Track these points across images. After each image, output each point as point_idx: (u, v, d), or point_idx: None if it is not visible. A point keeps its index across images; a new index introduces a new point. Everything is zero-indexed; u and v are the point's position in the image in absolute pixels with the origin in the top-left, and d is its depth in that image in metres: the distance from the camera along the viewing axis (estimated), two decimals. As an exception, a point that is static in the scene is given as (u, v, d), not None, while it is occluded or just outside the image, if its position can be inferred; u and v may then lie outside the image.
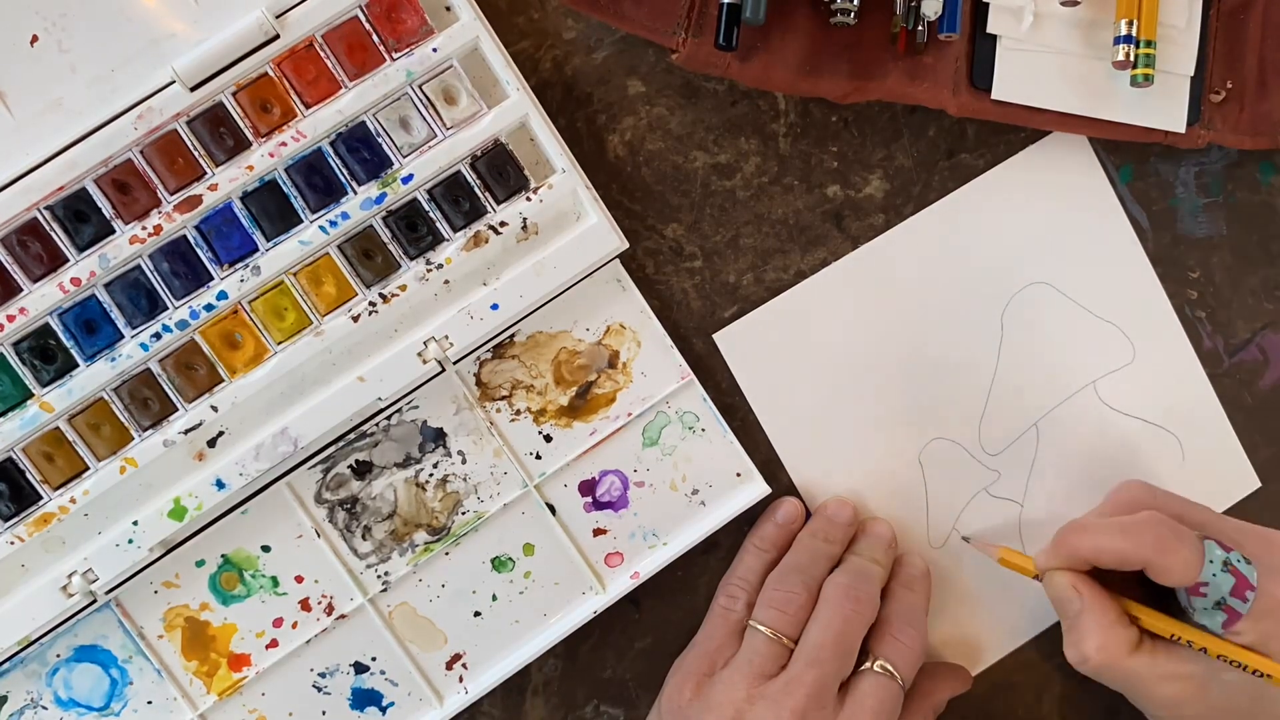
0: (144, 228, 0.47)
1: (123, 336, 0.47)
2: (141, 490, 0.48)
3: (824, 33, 0.49)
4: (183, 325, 0.47)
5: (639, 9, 0.48)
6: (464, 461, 0.51)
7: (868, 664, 0.49)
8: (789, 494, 0.53)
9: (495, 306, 0.48)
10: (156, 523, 0.48)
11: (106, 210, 0.46)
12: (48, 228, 0.46)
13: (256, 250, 0.47)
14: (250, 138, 0.47)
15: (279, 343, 0.48)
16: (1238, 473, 0.56)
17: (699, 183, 0.52)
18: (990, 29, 0.50)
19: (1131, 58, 0.50)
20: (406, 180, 0.47)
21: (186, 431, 0.47)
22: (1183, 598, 0.47)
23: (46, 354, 0.47)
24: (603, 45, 0.51)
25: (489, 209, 0.48)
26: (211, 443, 0.48)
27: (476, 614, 0.51)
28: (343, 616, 0.50)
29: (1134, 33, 0.50)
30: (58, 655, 0.49)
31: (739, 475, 0.52)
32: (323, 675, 0.51)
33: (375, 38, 0.47)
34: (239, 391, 0.48)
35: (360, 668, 0.51)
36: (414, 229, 0.48)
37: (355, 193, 0.48)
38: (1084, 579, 0.48)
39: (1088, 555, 0.48)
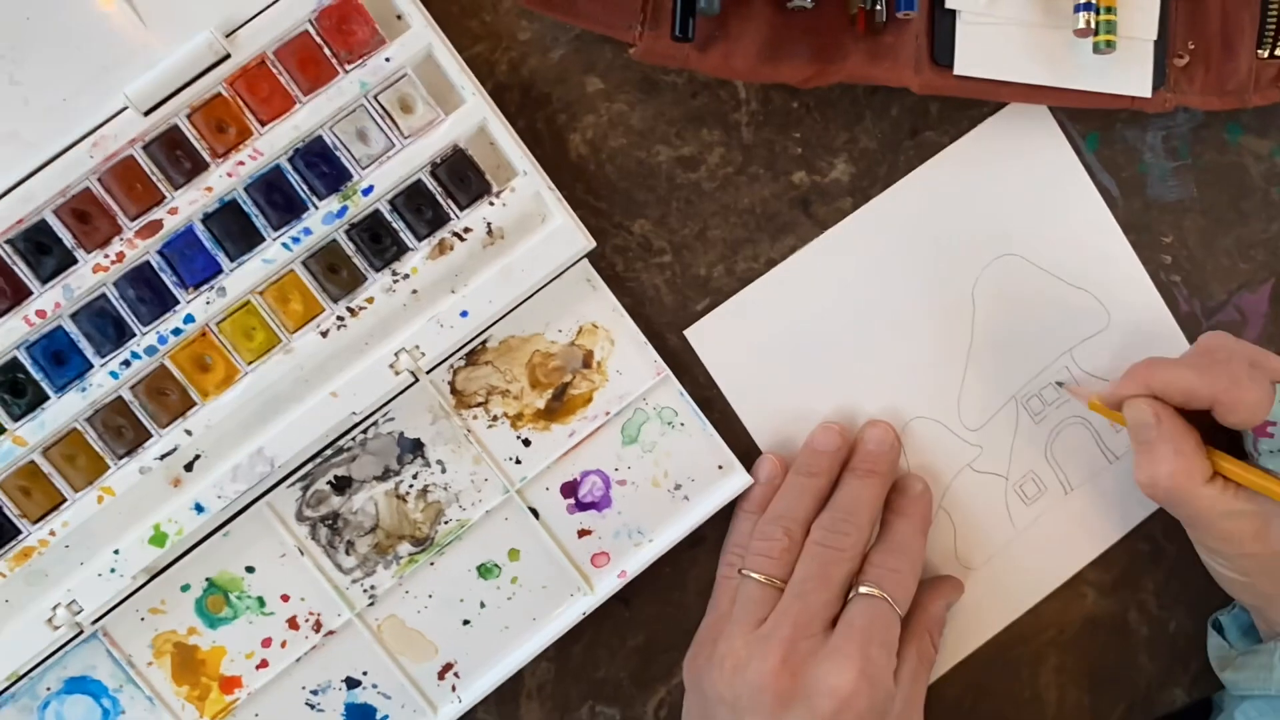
0: (106, 256, 0.46)
1: (92, 366, 0.47)
2: (121, 518, 0.48)
3: (782, 17, 0.49)
4: (151, 351, 0.47)
5: (594, 5, 0.48)
6: (444, 471, 0.50)
7: (854, 591, 0.49)
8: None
9: (465, 313, 0.48)
10: (138, 550, 0.48)
11: (68, 240, 0.46)
12: (9, 261, 0.46)
13: (221, 271, 0.47)
14: (207, 159, 0.47)
15: (249, 363, 0.47)
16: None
17: (664, 177, 0.52)
18: (949, 4, 0.50)
19: (1093, 25, 0.50)
20: (367, 192, 0.47)
21: (162, 457, 0.47)
22: (1249, 442, 0.47)
23: (16, 388, 0.46)
24: (559, 44, 0.50)
25: (452, 216, 0.48)
26: (188, 467, 0.48)
27: (466, 622, 0.51)
28: (331, 633, 0.50)
29: None
30: (48, 688, 0.49)
31: (720, 468, 0.52)
32: (315, 693, 0.51)
33: (327, 50, 0.47)
34: (212, 414, 0.47)
35: (352, 683, 0.51)
36: (378, 240, 0.48)
37: (316, 208, 0.47)
38: (1164, 406, 0.47)
39: (1158, 388, 0.47)
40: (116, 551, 0.47)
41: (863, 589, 0.49)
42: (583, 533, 0.52)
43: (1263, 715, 0.50)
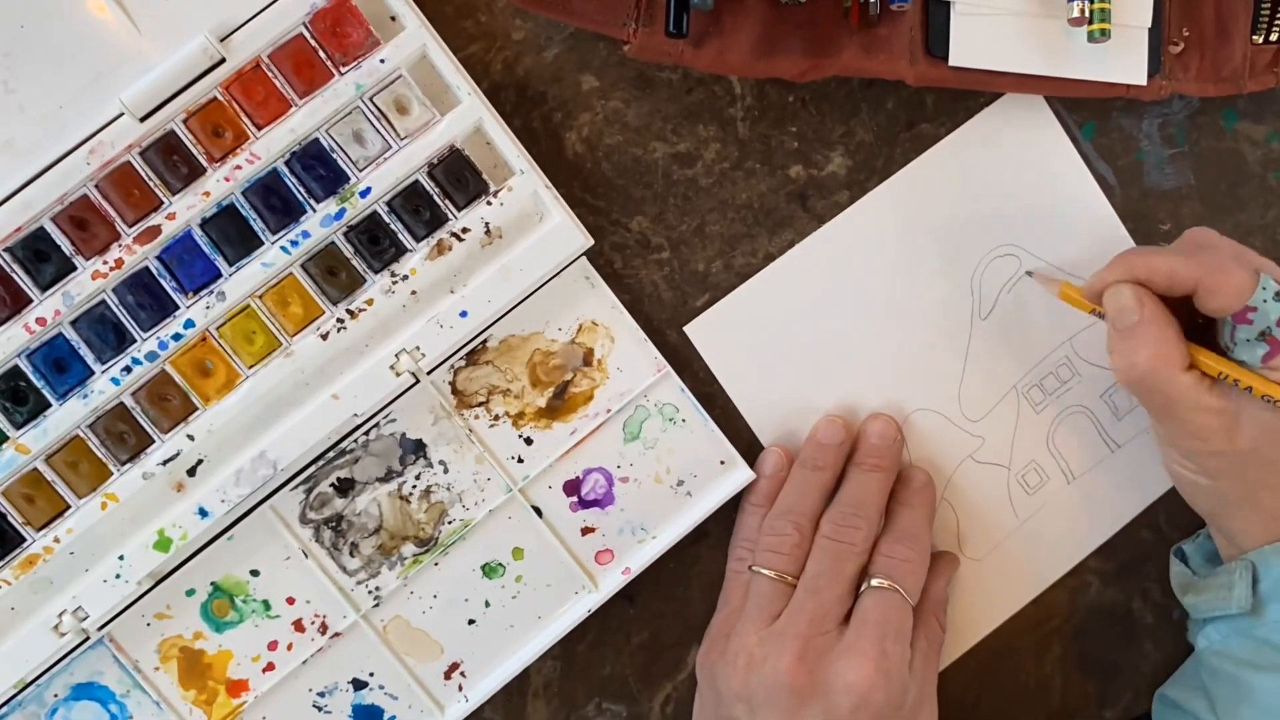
0: (105, 262, 0.46)
1: (93, 373, 0.47)
2: (125, 524, 0.48)
3: (776, 12, 0.49)
4: (152, 357, 0.47)
5: (587, 3, 0.48)
6: (446, 471, 0.50)
7: (865, 584, 0.49)
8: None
9: (464, 314, 0.48)
10: (142, 555, 0.48)
11: (66, 248, 0.46)
12: (9, 269, 0.46)
13: (220, 276, 0.47)
14: (204, 164, 0.47)
15: (250, 367, 0.48)
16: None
17: (660, 173, 0.52)
18: (942, -5, 0.50)
19: (1087, 13, 0.50)
20: (365, 194, 0.47)
21: (165, 462, 0.47)
22: (1225, 333, 0.47)
23: (18, 396, 0.46)
24: (553, 43, 0.50)
25: (450, 216, 0.48)
26: (191, 472, 0.48)
27: (471, 622, 0.51)
28: (337, 635, 0.50)
29: (1087, -12, 0.49)
30: (55, 695, 0.49)
31: (723, 463, 0.52)
32: (322, 695, 0.51)
33: (322, 53, 0.47)
34: (214, 419, 0.47)
35: (359, 684, 0.51)
36: (376, 242, 0.48)
37: (314, 210, 0.47)
38: (1148, 293, 0.47)
39: (1142, 272, 0.47)
40: (121, 557, 0.47)
41: (874, 581, 0.49)
42: (586, 530, 0.52)
43: (1225, 638, 0.50)
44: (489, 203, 0.48)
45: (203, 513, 0.48)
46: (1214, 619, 0.51)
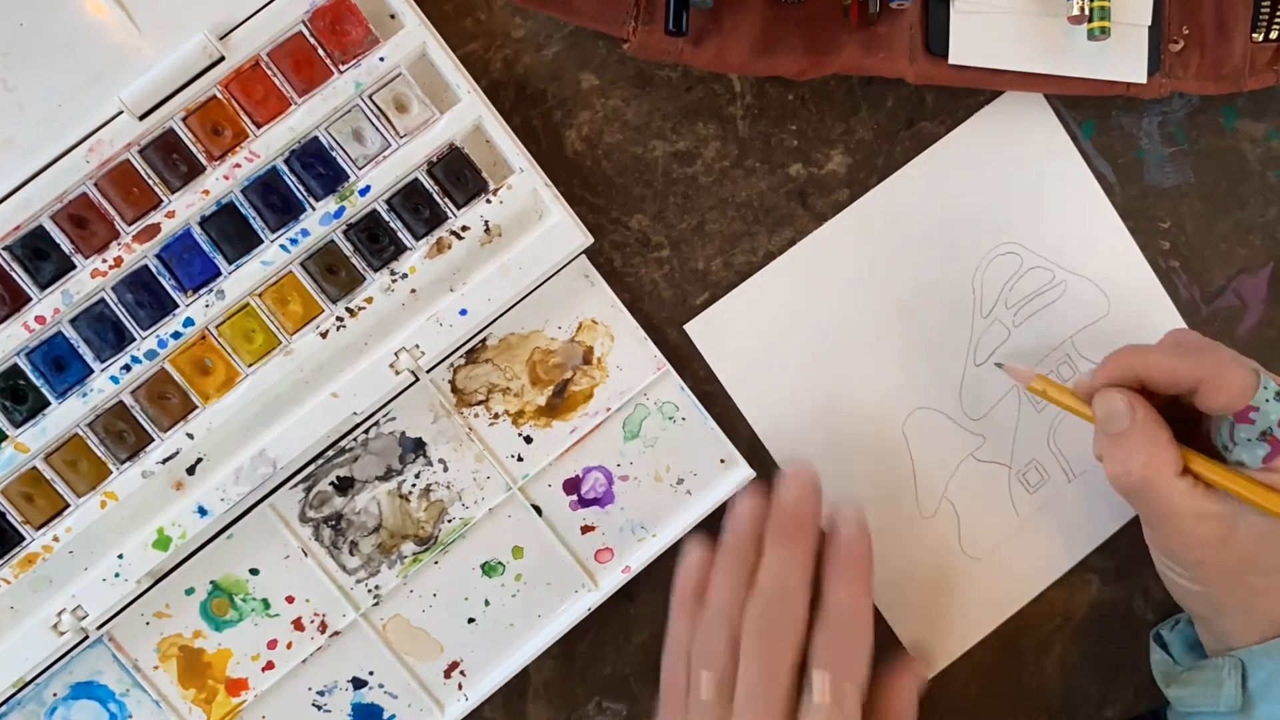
0: (104, 260, 0.46)
1: (92, 371, 0.47)
2: (124, 523, 0.48)
3: (775, 10, 0.49)
4: (152, 355, 0.47)
5: (587, 1, 0.48)
6: (446, 469, 0.50)
7: (808, 695, 0.46)
8: (774, 475, 0.53)
9: (464, 312, 0.48)
10: (142, 554, 0.48)
11: (65, 246, 0.46)
12: (8, 267, 0.46)
13: (219, 274, 0.47)
14: (204, 162, 0.47)
15: (249, 365, 0.47)
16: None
17: (660, 172, 0.52)
18: (942, -7, 0.50)
19: (1087, 11, 0.50)
20: (364, 192, 0.47)
21: (164, 461, 0.47)
22: (1225, 432, 0.46)
23: (17, 394, 0.46)
24: (552, 41, 0.50)
25: (449, 214, 0.48)
26: (190, 470, 0.48)
27: (471, 620, 0.51)
28: (337, 633, 0.50)
29: (1087, -14, 0.49)
30: (55, 694, 0.49)
31: (723, 461, 0.52)
32: (321, 693, 0.51)
33: (321, 51, 0.47)
34: (213, 417, 0.47)
35: (359, 683, 0.51)
36: (375, 240, 0.48)
37: (313, 209, 0.47)
38: (1138, 397, 0.47)
39: (1141, 370, 0.47)
40: (120, 556, 0.47)
41: (815, 698, 0.45)
42: (586, 529, 0.52)
43: None
44: (488, 201, 0.48)
45: (202, 511, 0.48)
46: (1199, 713, 0.50)
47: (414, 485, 0.50)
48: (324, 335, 0.48)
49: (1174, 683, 0.52)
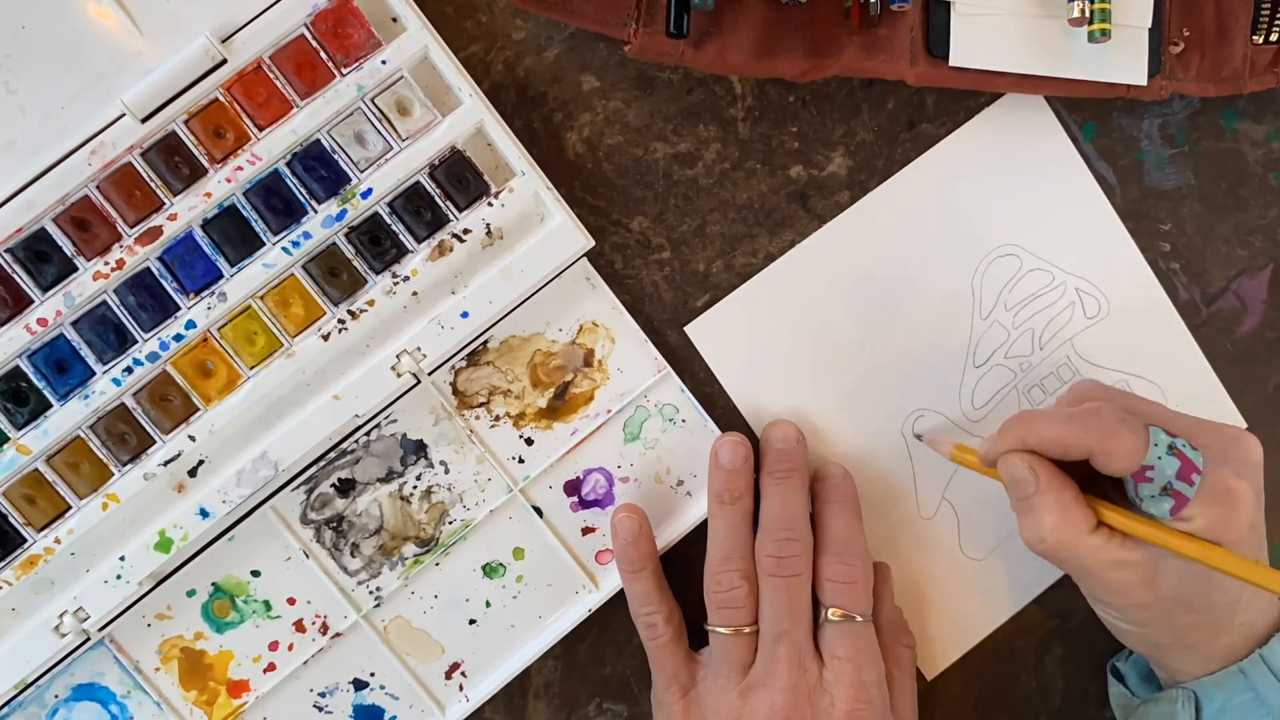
0: (106, 263, 0.46)
1: (94, 373, 0.47)
2: (126, 525, 0.48)
3: (776, 12, 0.49)
4: (153, 357, 0.47)
5: (588, 3, 0.48)
6: (447, 471, 0.50)
7: (823, 616, 0.49)
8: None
9: (465, 314, 0.48)
10: (143, 556, 0.48)
11: (67, 248, 0.46)
12: (10, 270, 0.46)
13: (221, 277, 0.47)
14: (206, 165, 0.47)
15: (251, 367, 0.48)
16: (1223, 416, 0.56)
17: (661, 173, 0.52)
18: (943, -4, 0.50)
19: (1087, 13, 0.50)
20: (366, 195, 0.47)
21: (166, 463, 0.47)
22: (1130, 488, 0.46)
23: (19, 396, 0.47)
24: (553, 43, 0.50)
25: (451, 217, 0.48)
26: (192, 472, 0.48)
27: (472, 621, 0.51)
28: (338, 635, 0.50)
29: (1087, -12, 0.50)
30: (56, 696, 0.49)
31: (723, 463, 0.52)
32: (323, 695, 0.51)
33: (323, 54, 0.47)
34: (215, 419, 0.47)
35: (360, 684, 0.51)
36: (377, 243, 0.48)
37: (315, 211, 0.47)
38: (1040, 460, 0.47)
39: (1033, 442, 0.47)
40: (122, 558, 0.47)
41: (831, 614, 0.49)
42: (587, 530, 0.52)
43: None
44: (490, 204, 0.48)
45: (204, 513, 0.48)
46: None
47: (415, 487, 0.50)
48: (326, 338, 0.48)
49: (1132, 715, 0.52)
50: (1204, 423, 0.48)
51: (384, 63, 0.47)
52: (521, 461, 0.51)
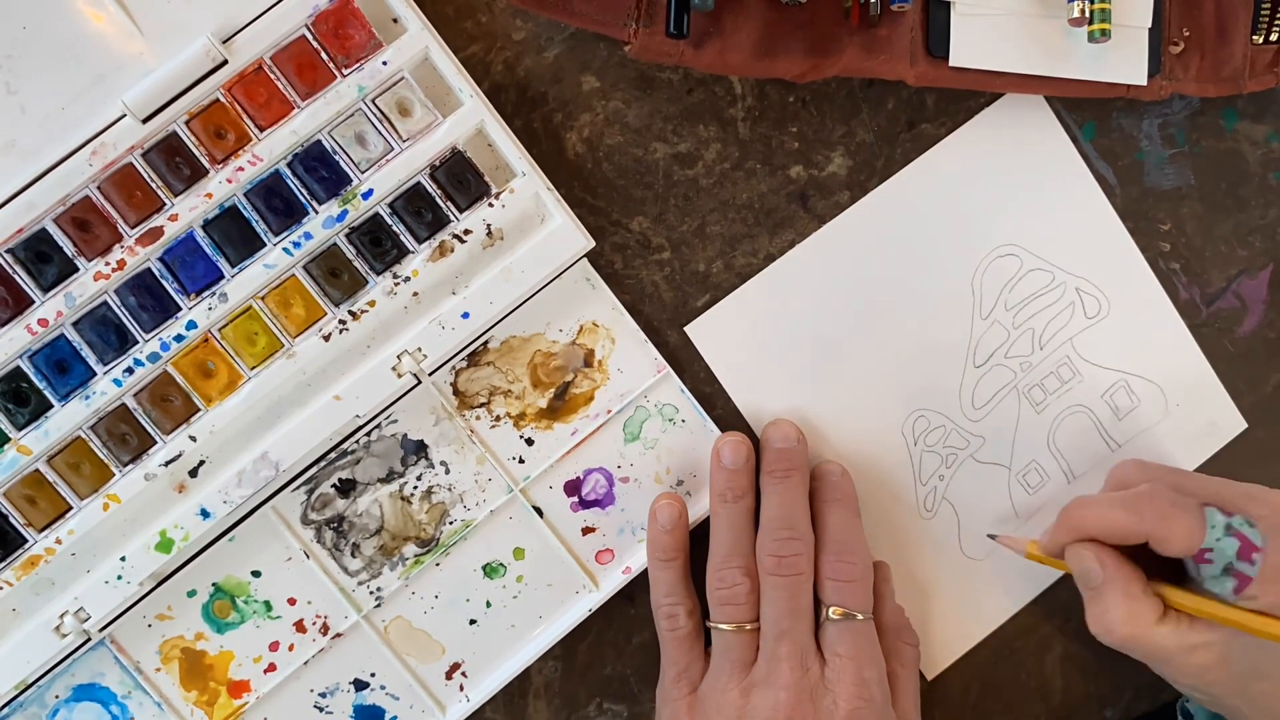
0: (107, 263, 0.46)
1: (95, 374, 0.47)
2: (127, 525, 0.48)
3: (776, 12, 0.49)
4: (154, 358, 0.47)
5: (587, 4, 0.48)
6: (447, 471, 0.51)
7: (824, 614, 0.49)
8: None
9: (466, 315, 0.48)
10: (144, 556, 0.48)
11: (68, 249, 0.46)
12: (10, 270, 0.46)
13: (222, 277, 0.47)
14: (207, 165, 0.47)
15: (252, 368, 0.48)
16: (1224, 415, 0.56)
17: (661, 174, 0.52)
18: (943, -4, 0.50)
19: (1087, 14, 0.50)
20: (367, 196, 0.47)
21: (167, 464, 0.47)
22: (1191, 567, 0.47)
23: (20, 397, 0.47)
24: (553, 43, 0.51)
25: (452, 218, 0.48)
26: (193, 473, 0.48)
27: (472, 622, 0.51)
28: (338, 635, 0.50)
29: (1087, -12, 0.50)
30: (56, 696, 0.49)
31: (724, 463, 0.52)
32: (323, 695, 0.51)
33: (324, 55, 0.47)
34: (216, 420, 0.47)
35: (360, 684, 0.51)
36: (378, 244, 0.48)
37: (316, 212, 0.47)
38: (1107, 550, 0.47)
39: (1093, 531, 0.47)
40: (123, 558, 0.47)
41: (832, 614, 0.49)
42: (587, 530, 0.52)
43: None
44: (491, 205, 0.48)
45: (204, 514, 0.48)
46: None
47: (416, 487, 0.50)
48: (326, 338, 0.48)
49: None
50: (1254, 490, 0.48)
51: (385, 63, 0.47)
52: (522, 462, 0.51)
